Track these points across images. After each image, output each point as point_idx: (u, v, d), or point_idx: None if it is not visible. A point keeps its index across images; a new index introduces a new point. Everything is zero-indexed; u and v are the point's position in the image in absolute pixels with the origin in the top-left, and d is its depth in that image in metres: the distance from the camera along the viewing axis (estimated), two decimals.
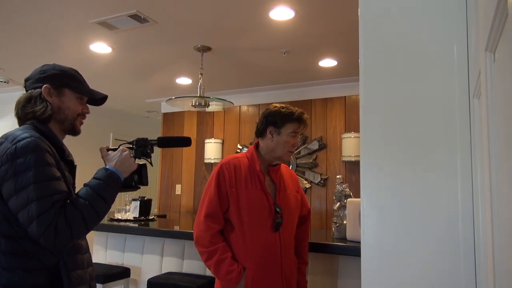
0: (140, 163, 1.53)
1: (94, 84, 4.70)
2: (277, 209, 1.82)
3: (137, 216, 3.27)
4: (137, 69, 3.99)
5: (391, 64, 1.30)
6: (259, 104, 4.71)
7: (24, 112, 1.35)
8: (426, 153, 1.21)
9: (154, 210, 4.94)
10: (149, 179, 1.56)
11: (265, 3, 2.50)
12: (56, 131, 1.38)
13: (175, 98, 3.36)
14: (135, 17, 2.70)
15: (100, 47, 3.31)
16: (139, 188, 1.54)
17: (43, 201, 1.17)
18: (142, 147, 1.54)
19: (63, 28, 2.94)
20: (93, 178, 1.33)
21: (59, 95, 1.38)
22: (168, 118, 5.41)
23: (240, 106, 4.87)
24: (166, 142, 1.63)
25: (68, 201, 1.23)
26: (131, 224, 2.99)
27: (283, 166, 2.03)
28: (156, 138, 1.59)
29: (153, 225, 3.06)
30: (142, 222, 3.14)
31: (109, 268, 2.82)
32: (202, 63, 3.34)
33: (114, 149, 1.46)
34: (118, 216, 3.24)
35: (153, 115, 6.19)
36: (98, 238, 3.16)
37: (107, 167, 1.37)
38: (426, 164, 1.20)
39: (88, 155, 5.41)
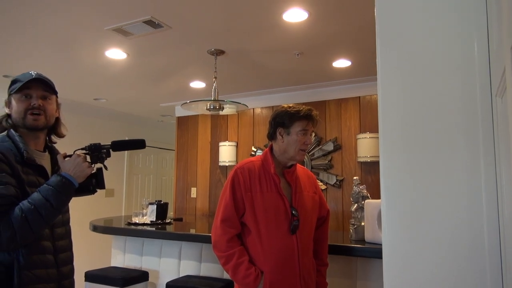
0: (98, 167, 1.59)
1: (109, 89, 4.74)
2: (293, 212, 1.82)
3: (154, 219, 3.29)
4: (151, 74, 4.03)
5: (409, 62, 1.28)
6: (272, 106, 4.71)
7: None
8: (448, 153, 1.18)
9: (170, 213, 4.97)
10: (105, 182, 1.62)
11: (278, 6, 2.50)
12: (24, 134, 1.51)
13: (189, 102, 3.38)
14: (150, 23, 2.72)
15: (116, 53, 3.35)
16: (96, 191, 1.61)
17: None
18: (96, 152, 1.59)
19: (79, 35, 2.99)
20: (45, 183, 1.43)
21: (10, 104, 1.54)
22: (182, 121, 5.45)
23: (253, 109, 4.87)
24: (120, 145, 1.66)
25: (20, 204, 1.35)
26: (148, 228, 3.02)
27: (299, 167, 2.02)
28: (110, 142, 1.63)
29: (170, 229, 3.08)
30: (159, 226, 3.16)
31: (128, 271, 2.85)
32: (216, 66, 3.35)
33: (70, 156, 1.54)
34: (136, 220, 3.27)
35: (167, 119, 6.24)
36: (116, 242, 3.19)
37: (62, 173, 1.46)
38: (448, 164, 1.18)
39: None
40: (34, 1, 2.43)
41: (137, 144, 1.70)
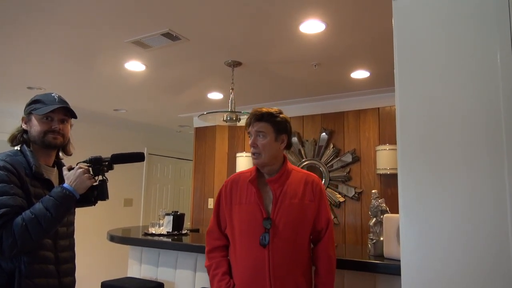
0: (101, 179, 1.65)
1: (128, 100, 4.79)
2: (264, 224, 1.72)
3: (171, 230, 3.29)
4: (170, 85, 4.07)
5: (428, 73, 1.24)
6: (290, 117, 4.68)
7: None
8: (470, 166, 1.14)
9: (187, 224, 4.97)
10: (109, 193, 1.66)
11: (295, 17, 2.49)
12: (36, 150, 1.60)
13: (207, 113, 3.39)
14: (168, 35, 2.76)
15: (134, 65, 3.41)
16: (97, 202, 1.65)
17: None
18: (97, 165, 1.64)
19: (100, 47, 3.05)
20: (48, 194, 1.51)
21: (30, 121, 1.62)
22: (200, 132, 5.48)
23: None
24: (119, 158, 1.69)
25: (22, 214, 1.42)
26: (164, 239, 3.02)
27: (299, 172, 1.90)
28: (110, 156, 1.68)
29: (186, 240, 3.07)
30: (175, 237, 3.15)
31: (144, 282, 2.85)
32: (233, 78, 3.36)
33: (73, 168, 1.61)
34: (152, 230, 3.28)
35: (185, 130, 6.29)
36: (133, 252, 3.20)
37: (63, 185, 1.54)
38: (470, 177, 1.13)
39: (124, 169, 5.56)
40: (56, 15, 2.50)
41: (136, 157, 1.73)
